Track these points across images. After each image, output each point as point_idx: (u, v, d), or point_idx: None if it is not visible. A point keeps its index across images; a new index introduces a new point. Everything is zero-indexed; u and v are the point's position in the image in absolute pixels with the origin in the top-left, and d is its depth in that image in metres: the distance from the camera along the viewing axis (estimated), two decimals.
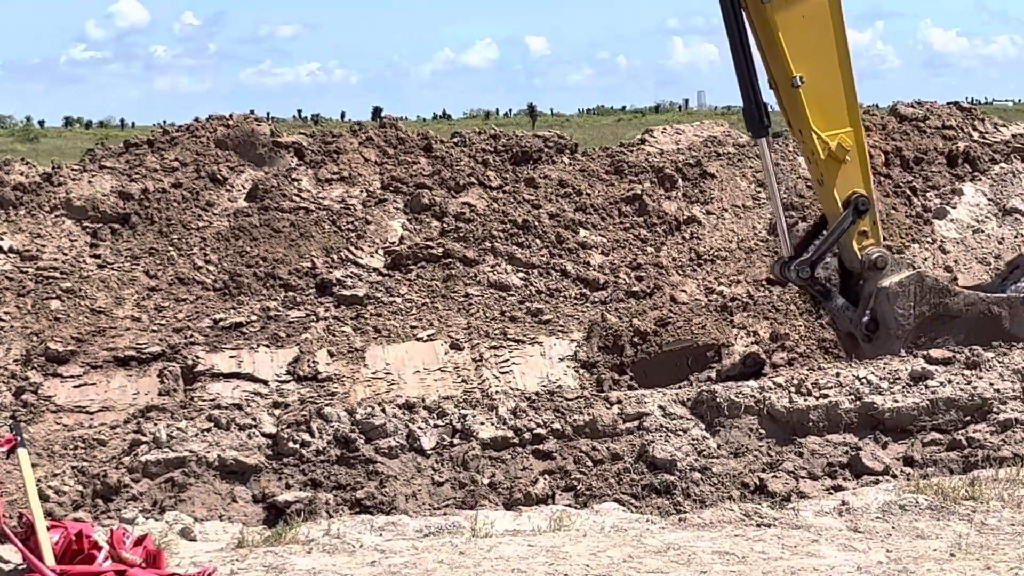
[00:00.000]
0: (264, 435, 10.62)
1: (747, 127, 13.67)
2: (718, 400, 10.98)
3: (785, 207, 17.29)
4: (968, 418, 10.81)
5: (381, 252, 15.95)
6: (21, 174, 17.33)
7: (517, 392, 12.02)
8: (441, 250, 15.88)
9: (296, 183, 17.21)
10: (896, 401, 10.89)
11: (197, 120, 18.74)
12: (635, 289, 15.72)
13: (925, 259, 16.59)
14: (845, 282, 13.51)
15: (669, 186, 17.62)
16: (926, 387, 11.02)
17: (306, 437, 10.46)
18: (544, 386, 12.52)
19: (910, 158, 18.70)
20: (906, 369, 11.36)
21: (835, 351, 13.74)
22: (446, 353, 13.62)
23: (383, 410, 10.77)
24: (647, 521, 8.61)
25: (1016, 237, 17.43)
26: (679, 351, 14.30)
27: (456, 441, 10.55)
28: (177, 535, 8.40)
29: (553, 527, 8.32)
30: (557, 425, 10.70)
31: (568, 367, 13.35)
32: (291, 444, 10.41)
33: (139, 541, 7.70)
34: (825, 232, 13.32)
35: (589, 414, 10.82)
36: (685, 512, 9.14)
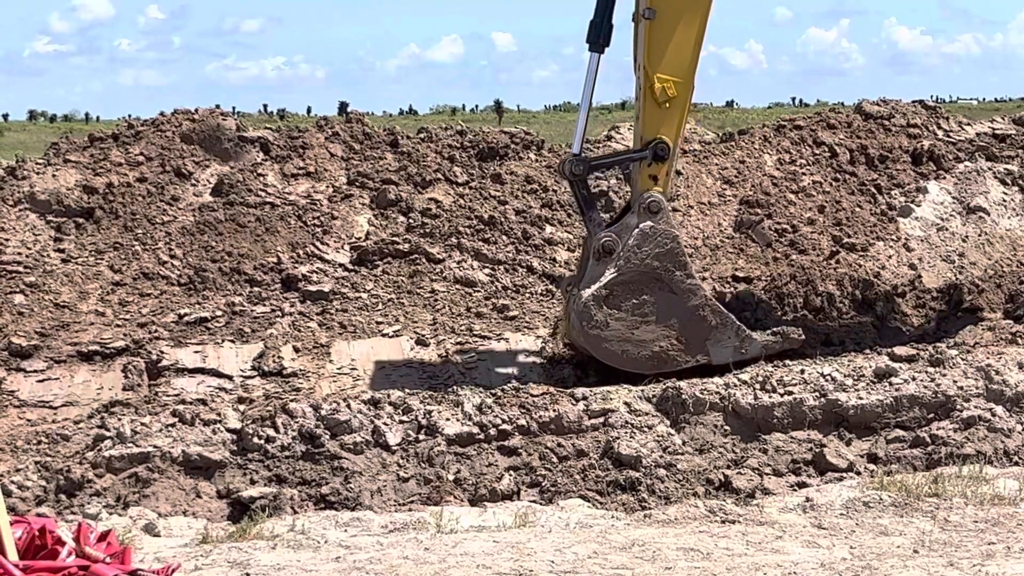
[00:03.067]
0: (229, 430, 10.60)
1: (587, 38, 13.85)
2: (683, 397, 11.02)
3: (749, 204, 17.37)
4: (931, 415, 10.87)
5: (347, 248, 15.93)
6: None
7: (482, 388, 12.02)
8: (407, 246, 15.87)
9: (262, 178, 17.17)
10: (860, 398, 10.95)
11: (162, 114, 18.68)
12: None
13: (890, 257, 16.66)
14: (623, 214, 13.93)
15: None
16: (890, 384, 11.08)
17: (271, 432, 10.46)
18: (511, 382, 12.52)
19: (875, 156, 18.77)
20: (870, 366, 11.42)
21: (801, 348, 13.77)
22: (412, 349, 13.61)
23: (348, 406, 10.76)
24: (612, 517, 8.64)
25: (980, 235, 17.51)
26: None
27: (421, 437, 10.55)
28: (141, 531, 8.39)
29: (518, 523, 8.34)
30: (522, 421, 10.72)
31: (534, 362, 13.36)
32: (256, 439, 10.40)
33: (103, 536, 7.68)
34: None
35: (554, 410, 10.84)
36: (650, 508, 9.18)
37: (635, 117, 13.87)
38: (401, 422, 10.65)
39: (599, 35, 13.68)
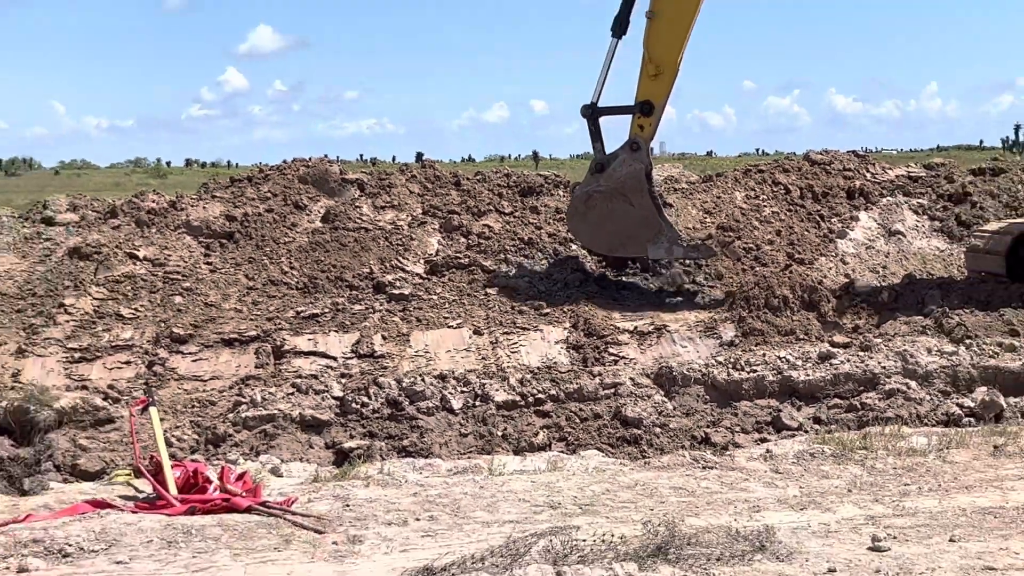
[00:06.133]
0: (334, 398, 10.65)
1: (611, 27, 14.79)
2: (674, 374, 10.99)
3: (724, 229, 17.29)
4: (862, 388, 10.80)
5: (422, 261, 15.95)
6: (153, 201, 17.38)
7: (523, 367, 12.02)
8: (467, 260, 15.88)
9: (358, 209, 17.22)
10: (808, 375, 10.89)
11: (285, 162, 18.76)
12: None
13: (830, 268, 16.55)
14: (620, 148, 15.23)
15: None
16: (830, 364, 11.02)
17: (365, 399, 10.49)
18: (543, 362, 12.50)
19: (819, 193, 18.67)
20: (815, 351, 11.36)
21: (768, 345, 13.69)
22: (470, 337, 13.60)
23: (423, 380, 10.79)
24: (620, 464, 8.61)
25: (899, 252, 17.39)
26: None
27: (477, 403, 10.57)
28: (268, 472, 8.42)
29: (550, 468, 8.33)
30: (553, 391, 10.71)
31: (562, 348, 13.33)
32: (354, 405, 10.43)
33: (240, 476, 7.74)
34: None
35: (577, 383, 10.84)
36: (649, 458, 9.15)
37: (637, 84, 14.88)
38: (462, 392, 10.66)
39: (618, 25, 14.65)
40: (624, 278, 15.95)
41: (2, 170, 80.00)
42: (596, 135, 15.04)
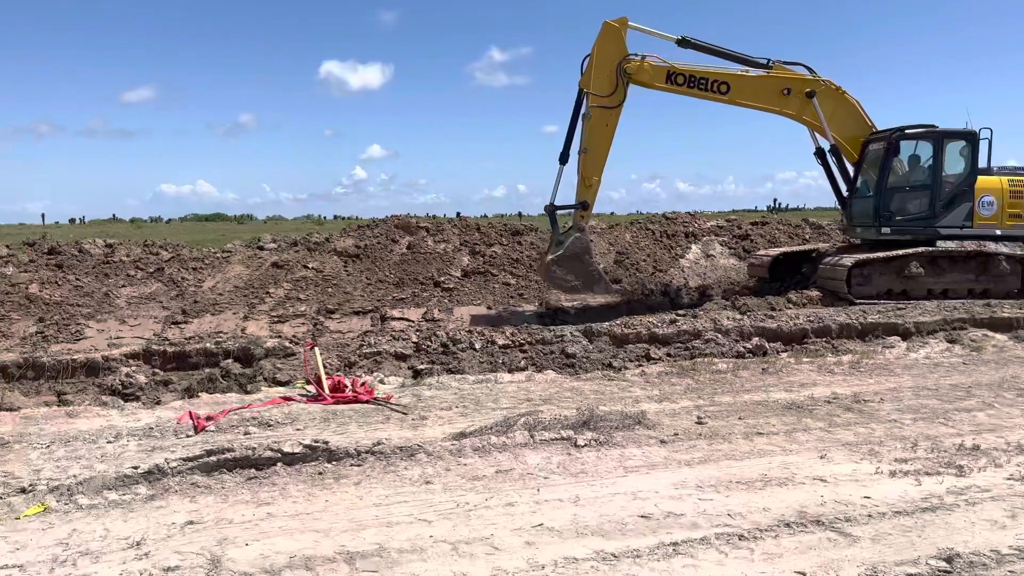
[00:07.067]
0: (413, 342, 10.62)
1: (559, 158, 12.92)
2: (594, 330, 10.96)
3: (620, 253, 17.21)
4: (692, 338, 10.79)
5: (460, 270, 15.93)
6: (315, 237, 17.31)
7: (515, 326, 12.01)
8: (484, 269, 15.86)
9: (426, 242, 17.18)
10: (664, 330, 10.87)
11: (386, 217, 18.72)
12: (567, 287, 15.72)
13: (676, 275, 16.56)
14: (568, 230, 13.36)
15: None
16: (676, 325, 11.00)
17: (429, 343, 10.46)
18: (525, 323, 12.50)
19: (670, 234, 18.68)
20: (668, 318, 11.33)
21: (637, 305, 13.67)
22: (485, 310, 13.58)
23: (460, 332, 10.76)
24: (564, 378, 8.62)
25: (713, 267, 17.43)
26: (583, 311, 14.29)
27: (488, 345, 10.55)
28: (377, 382, 8.41)
29: (527, 380, 8.33)
30: (529, 339, 10.69)
31: (534, 316, 13.31)
32: (423, 345, 10.40)
33: (363, 384, 7.71)
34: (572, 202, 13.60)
35: (542, 335, 10.82)
36: (579, 374, 9.15)
37: (576, 190, 13.36)
38: (481, 338, 10.63)
39: (562, 157, 13.02)
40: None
41: (236, 221, 79.82)
42: (554, 223, 13.58)
